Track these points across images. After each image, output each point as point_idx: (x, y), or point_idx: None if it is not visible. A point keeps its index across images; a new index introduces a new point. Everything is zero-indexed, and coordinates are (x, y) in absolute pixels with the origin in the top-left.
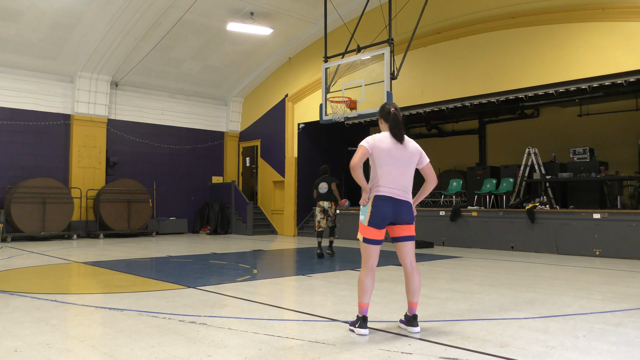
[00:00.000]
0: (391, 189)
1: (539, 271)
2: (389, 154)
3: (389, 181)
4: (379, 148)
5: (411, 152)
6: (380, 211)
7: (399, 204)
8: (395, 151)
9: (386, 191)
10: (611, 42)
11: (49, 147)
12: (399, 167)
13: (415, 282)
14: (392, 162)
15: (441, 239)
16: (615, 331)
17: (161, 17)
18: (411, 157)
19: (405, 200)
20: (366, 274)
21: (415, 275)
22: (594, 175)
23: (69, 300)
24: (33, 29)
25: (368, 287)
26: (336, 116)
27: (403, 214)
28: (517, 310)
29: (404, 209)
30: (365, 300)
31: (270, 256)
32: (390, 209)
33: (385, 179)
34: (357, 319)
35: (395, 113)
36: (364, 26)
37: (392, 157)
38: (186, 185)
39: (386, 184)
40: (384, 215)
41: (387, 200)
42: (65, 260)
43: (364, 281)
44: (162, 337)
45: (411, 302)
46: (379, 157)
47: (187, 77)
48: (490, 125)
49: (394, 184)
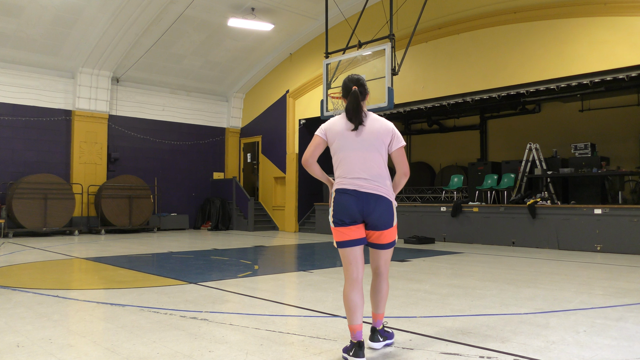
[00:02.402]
0: (352, 180)
1: (540, 266)
2: (344, 136)
3: (348, 170)
4: (333, 131)
5: (376, 132)
6: (342, 208)
7: (365, 197)
8: (352, 133)
9: (347, 182)
10: (613, 37)
11: (50, 143)
12: (359, 150)
13: (379, 291)
14: (349, 146)
15: (442, 235)
16: (616, 326)
17: (162, 12)
18: (377, 138)
19: (375, 194)
20: (350, 286)
21: (381, 283)
22: (595, 171)
23: (71, 295)
24: (34, 24)
25: (356, 305)
26: (337, 112)
27: (374, 212)
28: (518, 306)
29: (373, 204)
30: (356, 322)
31: (272, 252)
32: (353, 204)
33: (343, 167)
34: (351, 345)
35: (355, 92)
36: (365, 22)
37: (348, 138)
38: (187, 181)
39: (345, 174)
40: (347, 209)
41: (348, 194)
42: (67, 256)
43: (348, 297)
44: (164, 332)
45: (374, 312)
46: (333, 141)
47: (188, 73)
48: (491, 121)
49: (355, 172)
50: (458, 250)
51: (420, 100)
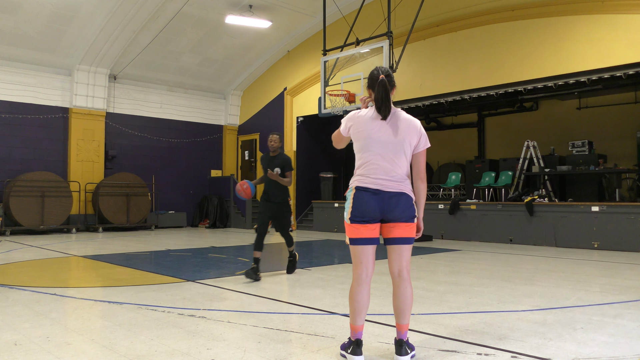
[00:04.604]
0: (377, 179)
1: (538, 264)
2: (372, 134)
3: (371, 171)
4: (360, 125)
5: (403, 132)
6: (362, 205)
7: (387, 195)
8: (380, 131)
9: (369, 182)
10: (610, 34)
11: (48, 141)
12: (386, 152)
13: (404, 298)
14: (375, 147)
15: (440, 232)
16: (613, 323)
17: (159, 9)
18: (404, 139)
19: (398, 192)
20: (358, 286)
21: (405, 288)
22: (592, 168)
23: (69, 293)
24: (31, 21)
25: (362, 305)
26: (335, 109)
27: (397, 208)
28: (516, 303)
29: (395, 200)
30: (358, 322)
31: (269, 250)
32: (374, 203)
33: (368, 168)
34: (350, 343)
35: (383, 80)
36: (363, 19)
37: (374, 137)
38: (185, 179)
39: (369, 173)
40: (367, 210)
41: (371, 193)
42: (65, 254)
43: (355, 297)
44: (162, 330)
45: (399, 323)
46: (359, 138)
47: (186, 71)
48: (489, 119)
49: (379, 174)
50: (456, 247)
51: (418, 98)
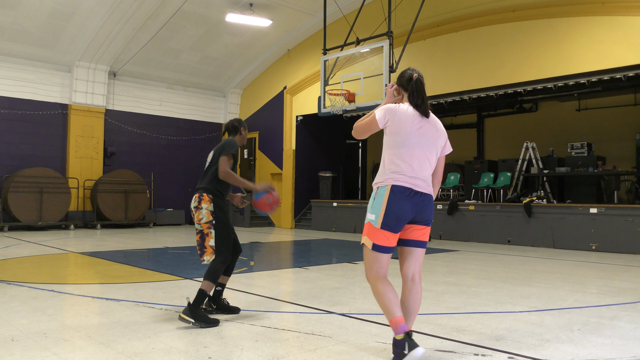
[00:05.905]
0: (410, 179)
1: (535, 265)
2: (412, 131)
3: (408, 168)
4: (402, 120)
5: (435, 133)
6: (397, 208)
7: (422, 199)
8: (421, 127)
9: (406, 181)
10: (610, 36)
11: (47, 137)
12: (421, 149)
13: (415, 301)
14: (416, 142)
15: (438, 233)
16: (610, 325)
17: (160, 7)
18: (436, 139)
19: (429, 194)
20: (381, 282)
21: (417, 292)
22: (591, 170)
23: (66, 290)
24: (31, 17)
25: (394, 294)
26: (334, 109)
27: (426, 209)
28: (513, 304)
29: (427, 202)
30: (398, 314)
31: (268, 248)
32: (409, 206)
33: (404, 164)
34: (402, 342)
35: (418, 79)
36: (363, 19)
37: (416, 134)
38: (184, 177)
39: (405, 171)
40: (402, 215)
41: (407, 194)
42: (63, 250)
43: (383, 291)
44: (159, 327)
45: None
46: (400, 132)
47: (186, 68)
48: (488, 119)
49: (415, 172)
50: (454, 248)
51: None
